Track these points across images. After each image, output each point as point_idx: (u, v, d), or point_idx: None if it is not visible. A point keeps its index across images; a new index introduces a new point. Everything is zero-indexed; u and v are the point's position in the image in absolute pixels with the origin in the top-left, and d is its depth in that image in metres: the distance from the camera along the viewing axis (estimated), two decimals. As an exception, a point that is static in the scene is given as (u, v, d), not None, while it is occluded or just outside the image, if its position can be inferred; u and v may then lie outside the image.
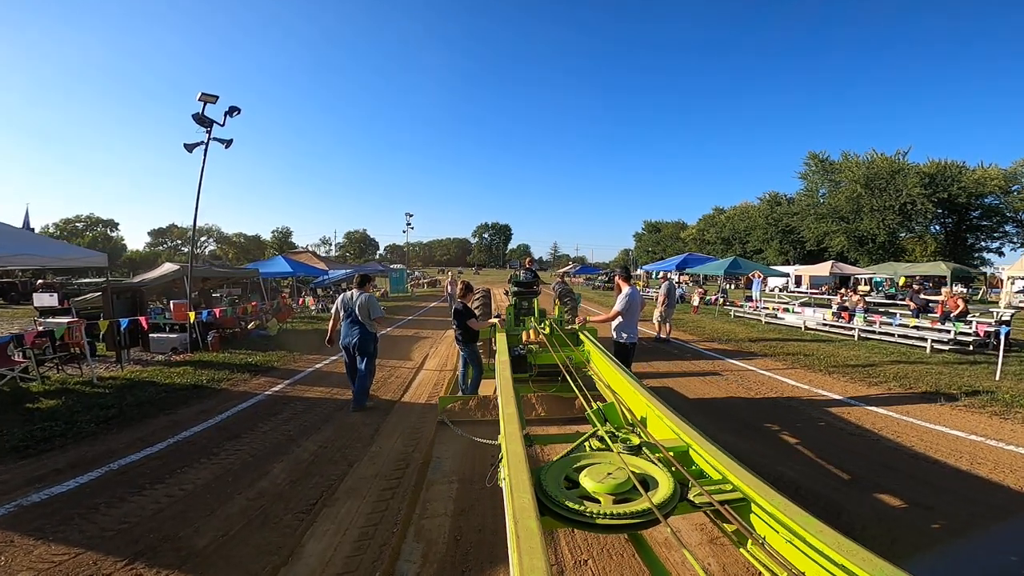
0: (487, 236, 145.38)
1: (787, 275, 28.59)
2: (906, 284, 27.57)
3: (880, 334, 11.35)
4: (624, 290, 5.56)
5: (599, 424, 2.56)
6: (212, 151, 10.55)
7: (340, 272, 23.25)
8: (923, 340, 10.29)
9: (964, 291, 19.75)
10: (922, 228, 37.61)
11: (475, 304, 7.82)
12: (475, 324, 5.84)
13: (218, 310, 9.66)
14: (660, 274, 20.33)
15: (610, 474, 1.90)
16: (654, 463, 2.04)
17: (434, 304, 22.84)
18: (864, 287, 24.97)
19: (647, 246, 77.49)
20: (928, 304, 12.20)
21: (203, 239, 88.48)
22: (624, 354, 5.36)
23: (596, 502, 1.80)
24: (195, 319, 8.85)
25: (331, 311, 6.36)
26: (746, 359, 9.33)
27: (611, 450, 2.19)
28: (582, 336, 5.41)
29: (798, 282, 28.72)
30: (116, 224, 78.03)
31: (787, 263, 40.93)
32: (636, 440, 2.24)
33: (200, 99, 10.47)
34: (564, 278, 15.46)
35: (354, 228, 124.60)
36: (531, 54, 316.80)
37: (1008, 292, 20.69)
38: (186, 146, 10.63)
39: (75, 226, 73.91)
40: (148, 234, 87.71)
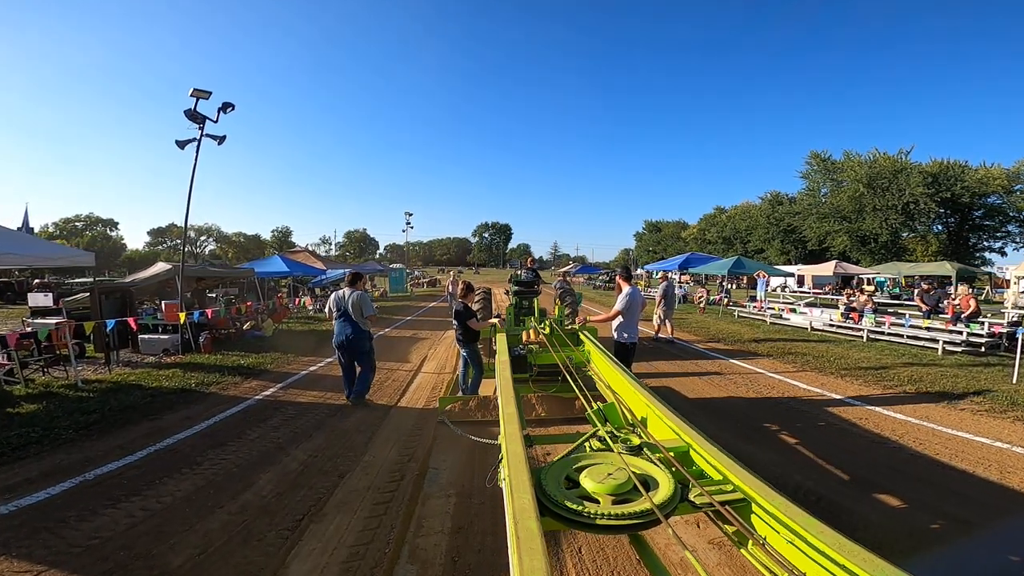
0: (487, 236, 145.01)
1: (792, 275, 28.29)
2: (907, 284, 27.37)
3: (889, 335, 11.10)
4: (625, 290, 5.54)
5: (599, 424, 2.53)
6: (210, 150, 10.32)
7: (338, 272, 23.00)
8: (934, 342, 10.04)
9: (969, 291, 19.52)
10: (925, 228, 37.35)
11: (476, 304, 7.73)
12: (475, 324, 5.81)
13: (210, 310, 9.40)
14: (659, 274, 20.10)
15: (610, 474, 1.88)
16: (654, 463, 2.03)
17: (433, 304, 22.59)
18: (868, 287, 24.70)
19: (648, 246, 77.15)
20: (939, 304, 11.93)
21: (203, 239, 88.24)
22: (624, 354, 5.35)
23: (596, 502, 1.78)
24: (186, 320, 8.60)
25: (328, 312, 6.25)
26: (753, 361, 9.07)
27: (612, 450, 2.16)
28: (582, 336, 5.38)
29: (800, 282, 28.45)
30: (116, 224, 77.84)
31: (788, 263, 40.67)
32: (636, 440, 2.22)
33: (192, 95, 10.22)
34: (565, 277, 15.29)
35: (354, 228, 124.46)
36: (531, 54, 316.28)
37: (1015, 292, 20.44)
38: (178, 143, 10.38)
39: (74, 225, 73.65)
40: (148, 233, 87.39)
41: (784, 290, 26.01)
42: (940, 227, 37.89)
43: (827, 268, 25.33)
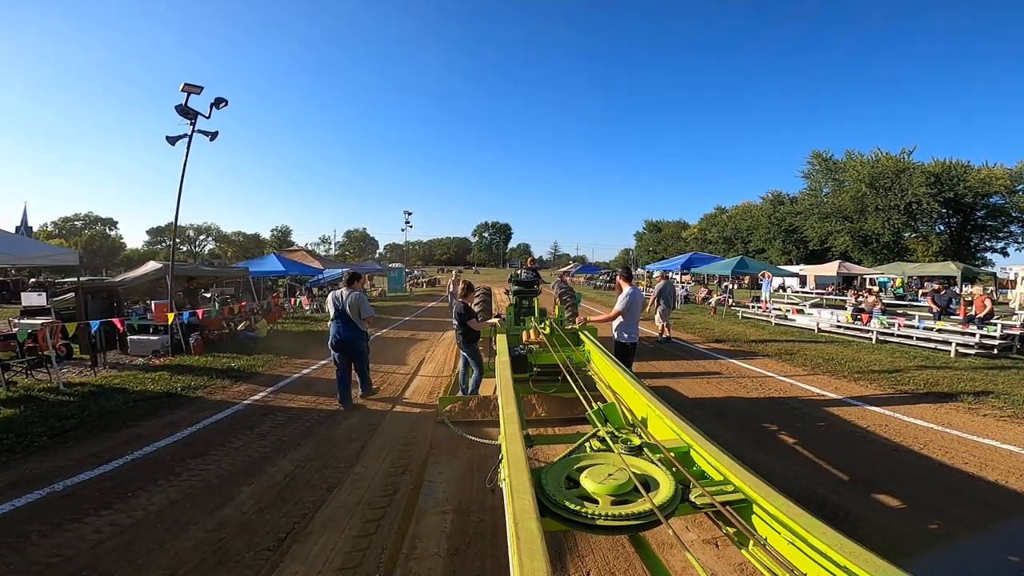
0: (487, 235, 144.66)
1: (796, 275, 27.99)
2: (907, 284, 27.07)
3: (899, 337, 10.82)
4: (625, 290, 5.53)
5: (600, 424, 2.50)
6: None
7: (336, 271, 22.72)
8: (946, 344, 9.76)
9: (972, 291, 19.24)
10: (927, 228, 37.12)
11: (476, 303, 7.55)
12: (476, 324, 5.78)
13: (201, 311, 9.10)
14: (657, 274, 19.83)
15: (611, 475, 1.87)
16: (655, 464, 2.01)
17: (432, 304, 22.29)
18: (872, 287, 24.42)
19: (648, 245, 76.82)
20: (949, 305, 11.65)
21: (201, 238, 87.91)
22: (625, 354, 5.35)
23: (597, 503, 1.77)
24: (174, 320, 8.31)
25: (326, 311, 6.20)
26: (762, 363, 8.79)
27: (612, 451, 2.14)
28: (582, 336, 5.36)
29: (803, 282, 28.16)
30: (115, 223, 77.48)
31: (790, 263, 40.39)
32: (637, 441, 2.20)
33: (183, 90, 9.94)
34: (565, 277, 15.08)
35: (354, 227, 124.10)
36: (531, 54, 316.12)
37: (1021, 292, 20.19)
38: (168, 139, 10.08)
39: (73, 224, 73.33)
40: (146, 233, 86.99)
41: (786, 290, 25.73)
42: (942, 227, 37.67)
43: (831, 268, 25.05)
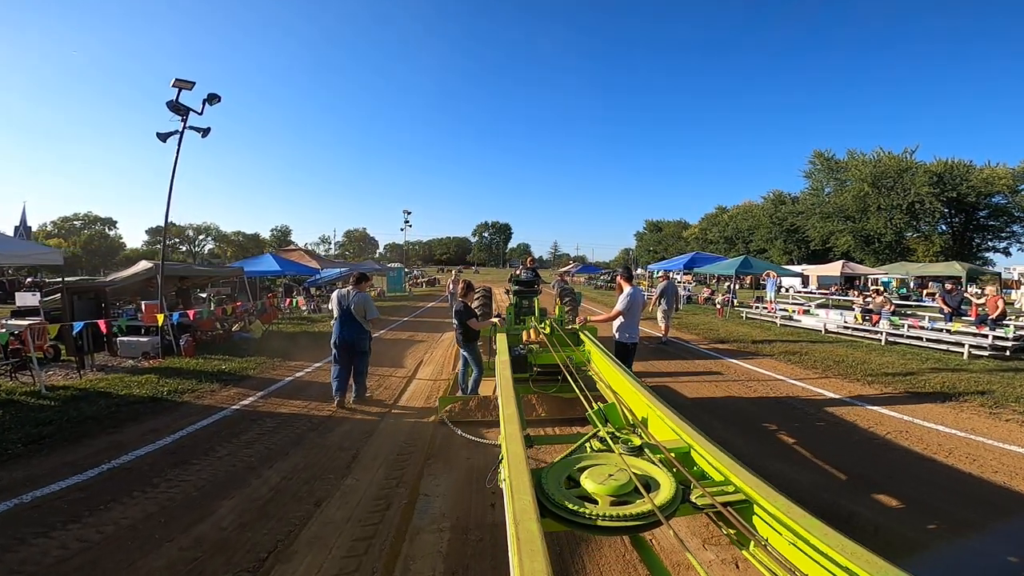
0: (487, 235, 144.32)
1: (799, 275, 27.74)
2: (901, 284, 26.78)
3: (908, 338, 10.55)
4: (626, 290, 5.51)
5: (600, 425, 2.49)
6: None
7: (334, 271, 22.46)
8: (959, 345, 9.50)
9: (981, 291, 18.98)
10: (930, 228, 36.87)
11: (476, 303, 7.37)
12: (476, 324, 5.73)
13: (192, 311, 8.83)
14: (659, 273, 19.58)
15: (611, 475, 1.86)
16: (655, 464, 2.00)
17: (432, 304, 22.02)
18: (874, 287, 24.16)
19: (648, 245, 76.57)
20: (960, 305, 11.39)
21: (201, 237, 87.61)
22: (625, 354, 5.34)
23: (597, 503, 1.75)
24: (164, 321, 8.05)
25: (324, 311, 6.10)
26: (769, 366, 8.53)
27: (612, 451, 2.13)
28: (583, 336, 5.35)
29: (805, 282, 27.89)
30: (115, 222, 77.12)
31: (791, 263, 40.15)
32: (637, 441, 2.19)
33: (174, 85, 9.68)
34: (565, 277, 14.86)
35: (354, 227, 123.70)
36: (532, 54, 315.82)
37: (1026, 293, 19.94)
38: (159, 135, 9.84)
39: (72, 224, 73.00)
40: (146, 232, 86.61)
41: (788, 291, 25.45)
42: (944, 227, 37.41)
43: (834, 268, 24.79)
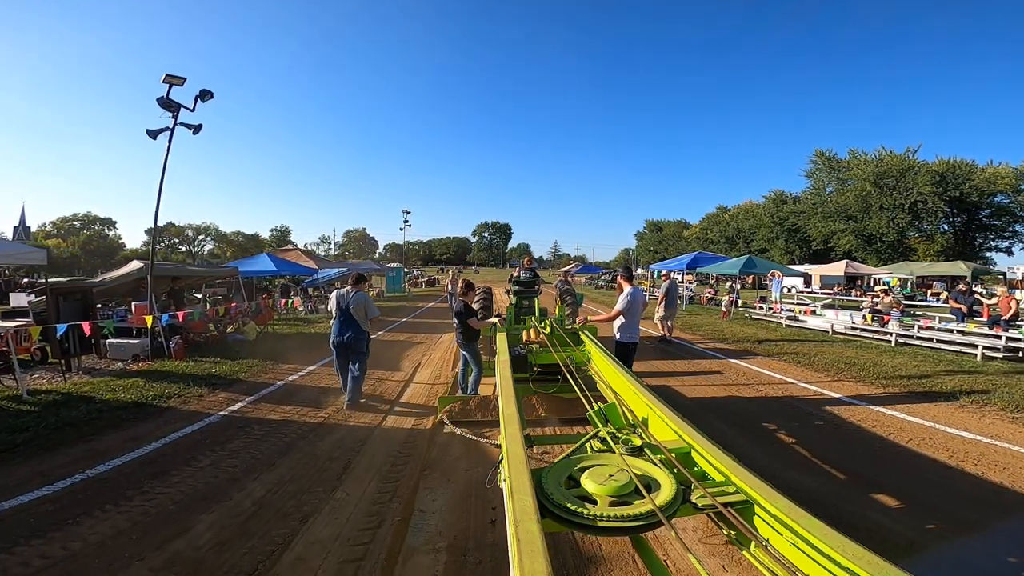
0: (487, 235, 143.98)
1: (802, 275, 27.48)
2: (899, 284, 26.52)
3: (918, 339, 10.30)
4: (626, 290, 5.49)
5: (600, 425, 2.48)
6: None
7: (332, 271, 22.21)
8: (972, 347, 9.25)
9: (983, 291, 18.72)
10: (932, 227, 36.66)
11: (476, 302, 7.12)
12: (476, 323, 5.69)
13: (182, 313, 8.57)
14: (661, 274, 19.35)
15: (612, 476, 1.84)
16: (656, 464, 1.98)
17: (431, 305, 21.76)
18: (877, 287, 23.91)
19: (649, 245, 76.36)
20: (972, 306, 11.13)
21: (200, 238, 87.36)
22: (625, 354, 5.33)
23: (597, 504, 1.73)
24: (153, 323, 7.80)
25: (321, 312, 5.99)
26: (778, 367, 8.27)
27: (613, 451, 2.11)
28: (583, 336, 5.34)
29: (807, 282, 27.63)
30: (114, 223, 76.83)
31: (792, 263, 39.92)
32: (638, 441, 2.17)
33: (165, 81, 9.46)
34: (566, 277, 14.62)
35: (354, 227, 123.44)
36: (532, 54, 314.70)
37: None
38: (149, 132, 9.60)
39: (72, 224, 72.73)
40: (145, 233, 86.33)
41: (791, 291, 25.19)
42: (947, 227, 37.21)
43: (837, 268, 24.55)
